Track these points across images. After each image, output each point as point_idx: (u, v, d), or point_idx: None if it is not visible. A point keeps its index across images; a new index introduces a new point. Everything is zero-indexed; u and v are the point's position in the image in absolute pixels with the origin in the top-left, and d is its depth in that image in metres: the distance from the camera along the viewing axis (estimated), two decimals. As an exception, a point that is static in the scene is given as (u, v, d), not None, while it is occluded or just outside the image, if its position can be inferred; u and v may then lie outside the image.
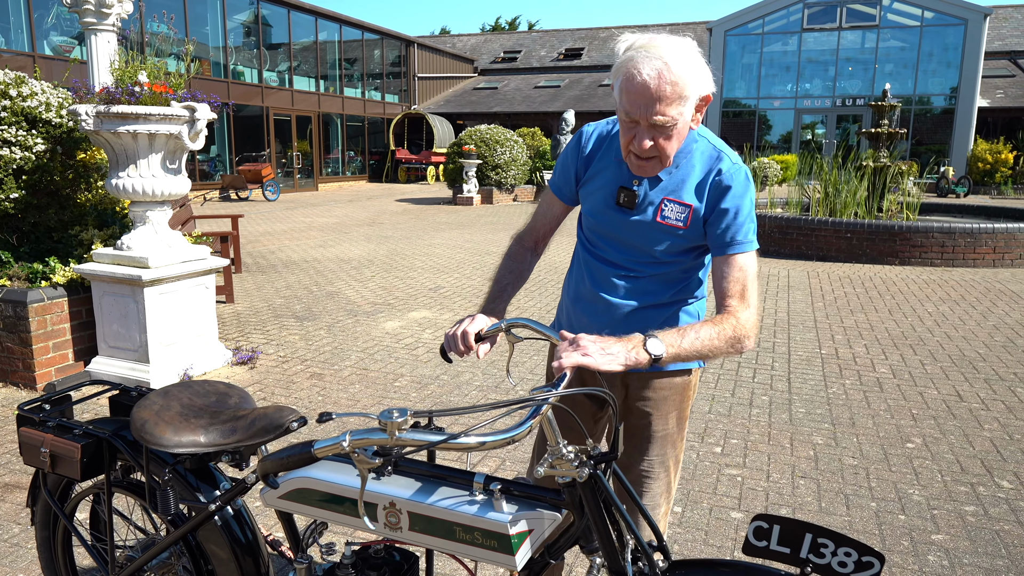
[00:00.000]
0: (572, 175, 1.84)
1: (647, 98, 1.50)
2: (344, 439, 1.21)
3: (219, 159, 22.23)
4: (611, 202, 1.74)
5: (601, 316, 1.79)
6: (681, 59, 1.50)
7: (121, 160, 4.42)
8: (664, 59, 1.48)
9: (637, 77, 1.49)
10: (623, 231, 1.74)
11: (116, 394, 1.96)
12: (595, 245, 1.83)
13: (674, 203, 1.69)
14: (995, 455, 3.65)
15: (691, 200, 1.68)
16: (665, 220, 1.69)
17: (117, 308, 4.53)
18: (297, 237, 12.10)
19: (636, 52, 1.51)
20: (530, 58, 36.65)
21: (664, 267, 1.76)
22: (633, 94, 1.51)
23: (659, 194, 1.70)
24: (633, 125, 1.56)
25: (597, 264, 1.81)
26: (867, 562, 1.22)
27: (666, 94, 1.49)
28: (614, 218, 1.74)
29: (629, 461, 1.88)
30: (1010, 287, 8.03)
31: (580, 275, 1.86)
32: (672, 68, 1.48)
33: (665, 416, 1.86)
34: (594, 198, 1.78)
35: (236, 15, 22.56)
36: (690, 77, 1.51)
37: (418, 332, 5.94)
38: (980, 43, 24.45)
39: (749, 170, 1.74)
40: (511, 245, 1.96)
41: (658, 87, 1.48)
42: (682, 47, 1.52)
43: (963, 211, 13.01)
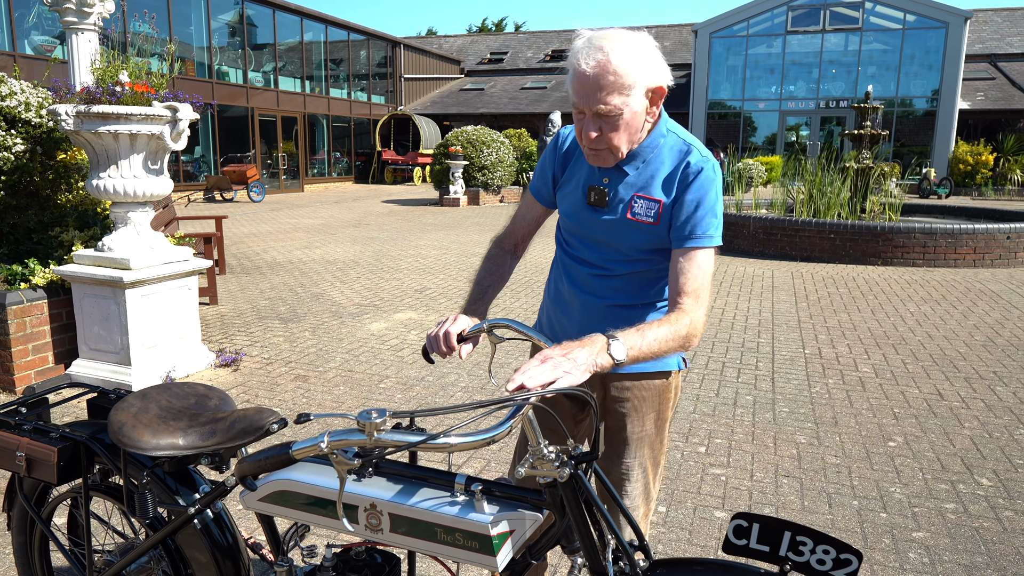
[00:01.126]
0: (550, 177, 1.86)
1: (589, 87, 1.53)
2: (322, 440, 1.20)
3: (203, 160, 22.08)
4: (583, 201, 1.76)
5: (579, 315, 1.81)
6: (626, 50, 1.52)
7: (102, 160, 4.38)
8: (607, 50, 1.51)
9: (580, 66, 1.53)
10: (596, 229, 1.76)
11: (94, 397, 1.94)
12: (571, 245, 1.84)
13: (644, 199, 1.69)
14: (975, 453, 3.69)
15: (660, 195, 1.68)
16: (635, 216, 1.69)
17: (98, 310, 4.48)
18: (282, 238, 12.04)
19: (581, 44, 1.55)
20: (516, 59, 36.68)
21: (637, 265, 1.75)
22: (577, 84, 1.55)
23: (629, 191, 1.70)
24: (581, 116, 1.60)
25: (573, 264, 1.83)
26: (845, 559, 1.22)
27: (607, 83, 1.51)
28: (587, 217, 1.76)
29: (608, 463, 1.88)
30: (990, 287, 8.12)
31: (558, 275, 1.88)
32: (614, 58, 1.51)
33: (642, 418, 1.84)
34: (569, 199, 1.80)
35: (220, 15, 22.42)
36: (634, 67, 1.52)
37: (403, 333, 5.92)
38: (961, 46, 24.73)
39: (718, 164, 1.76)
40: (491, 247, 1.96)
41: (599, 76, 1.51)
42: (630, 39, 1.54)
43: (944, 212, 13.15)
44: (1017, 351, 5.53)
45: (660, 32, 35.73)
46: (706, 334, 6.00)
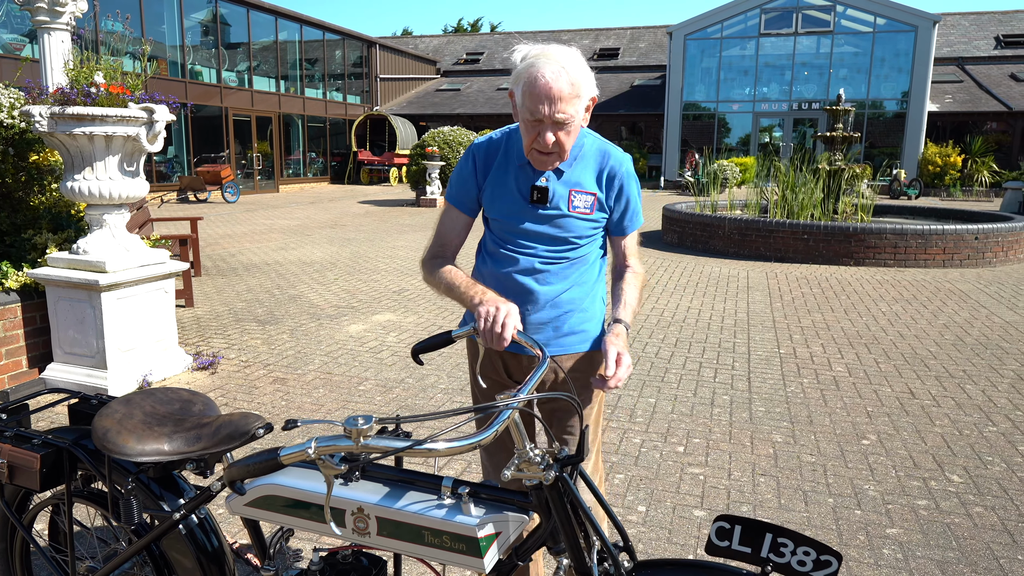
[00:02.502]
0: (473, 187, 1.99)
1: (550, 97, 1.69)
2: (310, 446, 1.21)
3: (177, 160, 21.81)
4: (523, 201, 1.91)
5: (526, 306, 1.93)
6: (575, 64, 1.72)
7: (77, 162, 4.32)
8: (561, 63, 1.70)
9: (541, 79, 1.69)
10: (540, 224, 1.91)
11: (76, 402, 1.93)
12: (511, 242, 1.96)
13: (581, 193, 1.91)
14: (946, 450, 3.78)
15: (593, 189, 1.93)
16: (576, 209, 1.91)
17: (73, 313, 4.43)
18: (258, 240, 11.94)
19: (536, 59, 1.72)
20: (493, 60, 36.69)
21: (581, 250, 1.95)
22: (537, 95, 1.70)
23: (565, 187, 1.90)
24: (537, 124, 1.75)
25: (517, 258, 1.94)
26: (825, 560, 1.26)
27: (565, 93, 1.70)
28: (529, 214, 1.91)
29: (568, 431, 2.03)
30: (959, 286, 8.30)
31: (497, 273, 1.97)
32: (569, 70, 1.70)
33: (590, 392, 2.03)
34: (502, 201, 1.94)
35: (193, 14, 22.16)
36: (583, 79, 1.73)
37: (382, 335, 5.92)
38: (929, 49, 25.21)
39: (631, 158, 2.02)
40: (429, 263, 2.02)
41: (560, 87, 1.69)
42: (574, 54, 1.75)
43: (915, 213, 13.40)
44: (985, 350, 5.67)
45: (635, 34, 35.97)
46: (683, 334, 6.07)
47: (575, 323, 1.96)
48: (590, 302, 2.00)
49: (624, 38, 35.89)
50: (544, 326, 1.94)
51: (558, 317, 1.94)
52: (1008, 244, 9.99)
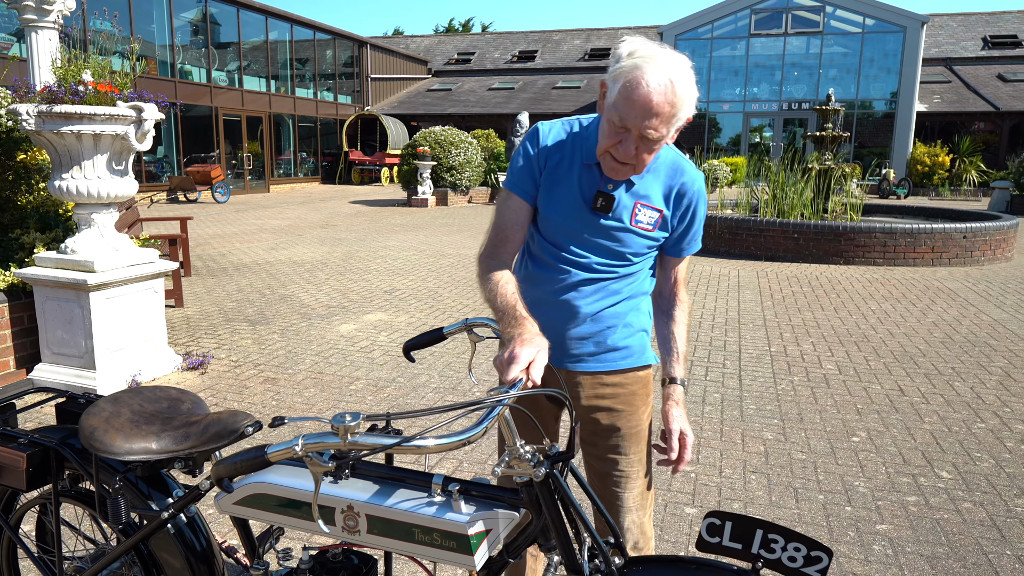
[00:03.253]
0: (536, 172, 1.77)
1: (647, 110, 1.51)
2: (297, 443, 1.20)
3: (166, 160, 21.70)
4: (583, 205, 1.73)
5: (566, 320, 1.79)
6: (684, 80, 1.52)
7: (64, 161, 4.29)
8: (671, 76, 1.50)
9: (643, 88, 1.50)
10: (596, 233, 1.74)
11: (63, 401, 1.91)
12: (561, 247, 1.78)
13: (647, 208, 1.74)
14: (935, 447, 3.80)
15: (660, 206, 1.76)
16: (638, 224, 1.74)
17: (61, 313, 4.39)
18: (248, 240, 11.89)
19: (644, 61, 1.51)
20: (484, 60, 36.68)
21: (633, 267, 1.80)
22: (635, 103, 1.51)
23: (632, 199, 1.73)
24: (622, 131, 1.57)
25: (565, 267, 1.77)
26: (816, 556, 1.26)
27: (664, 111, 1.52)
28: (587, 221, 1.74)
29: (607, 465, 1.86)
30: (947, 285, 8.36)
31: (540, 278, 1.80)
32: (676, 87, 1.51)
33: (636, 412, 1.86)
34: (560, 201, 1.75)
35: (183, 13, 22.05)
36: (688, 99, 1.54)
37: (373, 335, 5.90)
38: (918, 50, 25.37)
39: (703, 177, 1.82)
40: (487, 263, 1.74)
41: (660, 103, 1.51)
42: (685, 67, 1.54)
43: (904, 212, 13.48)
44: (974, 347, 5.70)
45: (626, 34, 36.00)
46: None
47: (618, 338, 1.81)
48: (634, 316, 1.83)
49: (615, 38, 35.95)
50: (585, 341, 1.80)
51: (600, 332, 1.80)
52: (996, 243, 10.06)
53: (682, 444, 1.73)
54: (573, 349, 1.81)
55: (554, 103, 30.24)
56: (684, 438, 1.74)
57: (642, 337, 1.86)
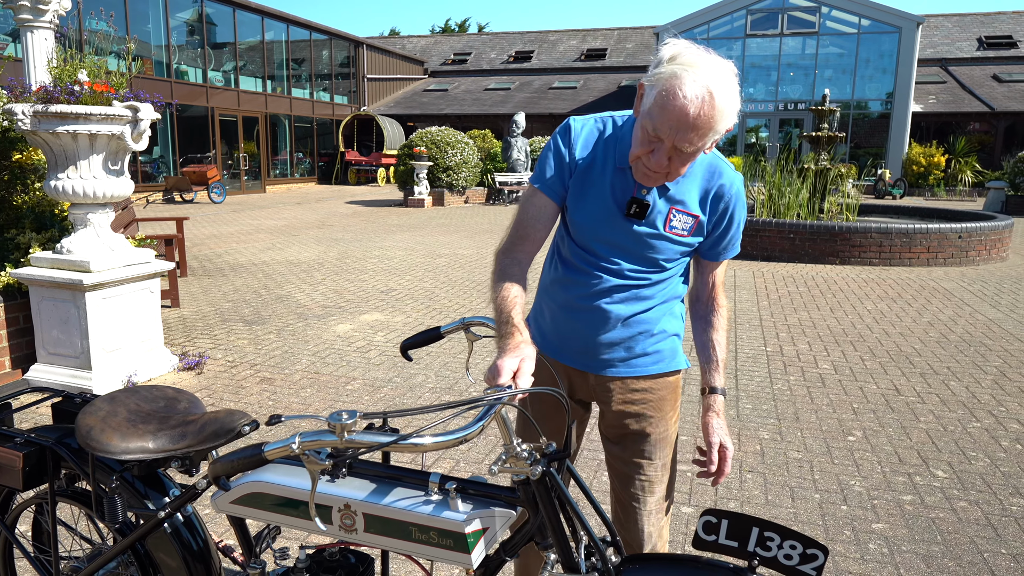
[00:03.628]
0: (567, 172, 1.71)
1: (682, 123, 1.44)
2: (294, 441, 1.20)
3: (162, 160, 21.66)
4: (616, 211, 1.67)
5: (598, 326, 1.75)
6: (726, 91, 1.44)
7: (60, 161, 4.28)
8: (710, 87, 1.42)
9: (679, 98, 1.42)
10: (628, 240, 1.69)
11: (59, 401, 1.91)
12: (592, 253, 1.72)
13: (682, 214, 1.68)
14: (931, 446, 3.81)
15: (696, 211, 1.69)
16: (672, 230, 1.68)
17: (57, 314, 4.38)
18: (245, 240, 11.88)
19: (684, 70, 1.43)
20: (480, 60, 36.68)
21: (666, 273, 1.74)
22: (669, 114, 1.44)
23: (666, 204, 1.67)
24: (656, 141, 1.50)
25: (596, 273, 1.72)
26: (811, 554, 1.27)
27: (700, 124, 1.44)
28: (619, 227, 1.68)
29: (632, 469, 1.83)
30: (943, 285, 8.38)
31: (570, 282, 1.76)
32: (716, 99, 1.43)
33: (665, 417, 1.83)
34: (591, 204, 1.69)
35: (179, 13, 22.02)
36: (728, 111, 1.46)
37: (370, 335, 5.90)
38: (913, 50, 25.43)
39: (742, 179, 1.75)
40: (502, 261, 1.70)
41: (697, 115, 1.43)
42: (728, 77, 1.46)
43: (899, 212, 13.51)
44: (969, 347, 5.72)
45: (623, 34, 36.07)
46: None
47: (648, 344, 1.77)
48: (667, 321, 1.79)
49: (611, 39, 35.98)
50: (615, 347, 1.75)
51: (631, 338, 1.75)
52: (991, 243, 10.09)
53: (722, 457, 1.70)
54: (603, 354, 1.77)
55: (550, 103, 30.25)
56: (724, 451, 1.70)
57: (673, 342, 1.82)
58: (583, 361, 1.80)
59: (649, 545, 1.84)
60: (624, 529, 1.84)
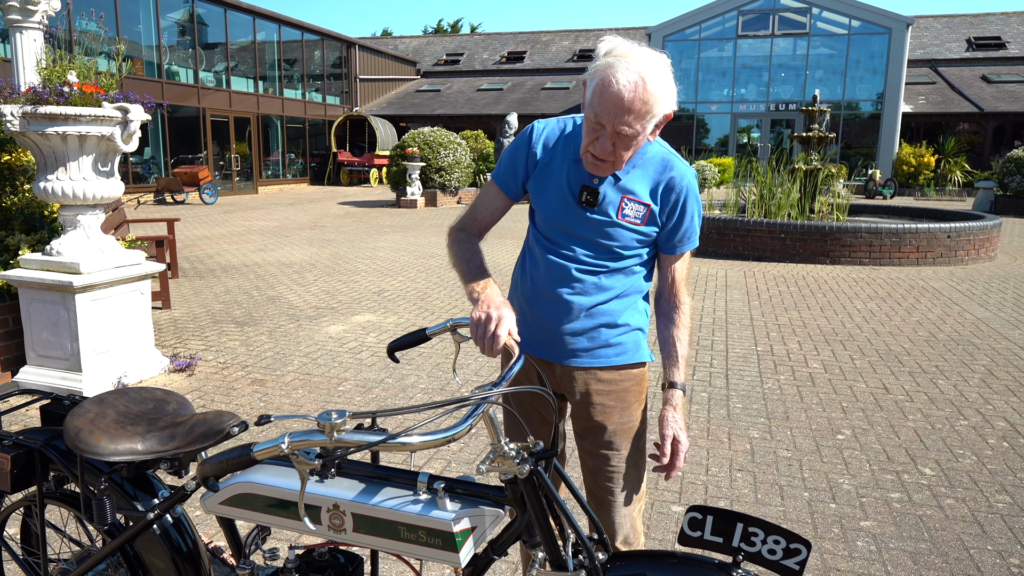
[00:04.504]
0: (521, 170, 1.85)
1: (618, 107, 1.55)
2: (283, 441, 1.21)
3: (153, 161, 21.57)
4: (571, 200, 1.77)
5: (562, 316, 1.81)
6: (657, 77, 1.56)
7: (50, 162, 4.27)
8: (642, 74, 1.54)
9: (613, 85, 1.54)
10: (584, 228, 1.78)
11: (48, 403, 1.91)
12: (553, 242, 1.82)
13: (633, 202, 1.76)
14: (919, 444, 3.84)
15: (647, 200, 1.77)
16: (625, 218, 1.76)
17: (47, 315, 4.37)
18: (236, 241, 11.85)
19: (617, 60, 1.56)
20: (473, 61, 36.68)
21: (624, 261, 1.81)
22: (606, 100, 1.56)
23: (618, 193, 1.76)
24: (598, 128, 1.61)
25: (558, 262, 1.80)
26: (795, 548, 1.28)
27: (636, 108, 1.55)
28: (575, 215, 1.77)
29: (599, 461, 1.87)
30: (932, 284, 8.44)
31: (537, 274, 1.85)
32: (647, 84, 1.54)
33: (629, 408, 1.88)
34: (550, 196, 1.80)
35: (170, 13, 21.93)
36: (661, 95, 1.57)
37: (362, 336, 5.90)
38: (903, 51, 25.57)
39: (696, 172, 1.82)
40: (455, 234, 1.91)
41: (631, 100, 1.54)
42: (659, 65, 1.57)
43: (889, 212, 13.59)
44: (957, 346, 5.76)
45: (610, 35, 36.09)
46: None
47: (611, 335, 1.83)
48: (630, 314, 1.85)
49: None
50: (578, 336, 1.81)
51: (594, 328, 1.81)
52: (980, 243, 10.16)
53: (674, 450, 1.76)
54: (567, 344, 1.83)
55: (543, 104, 30.27)
56: (677, 445, 1.76)
57: (637, 336, 1.87)
58: (548, 351, 1.86)
59: (621, 535, 1.88)
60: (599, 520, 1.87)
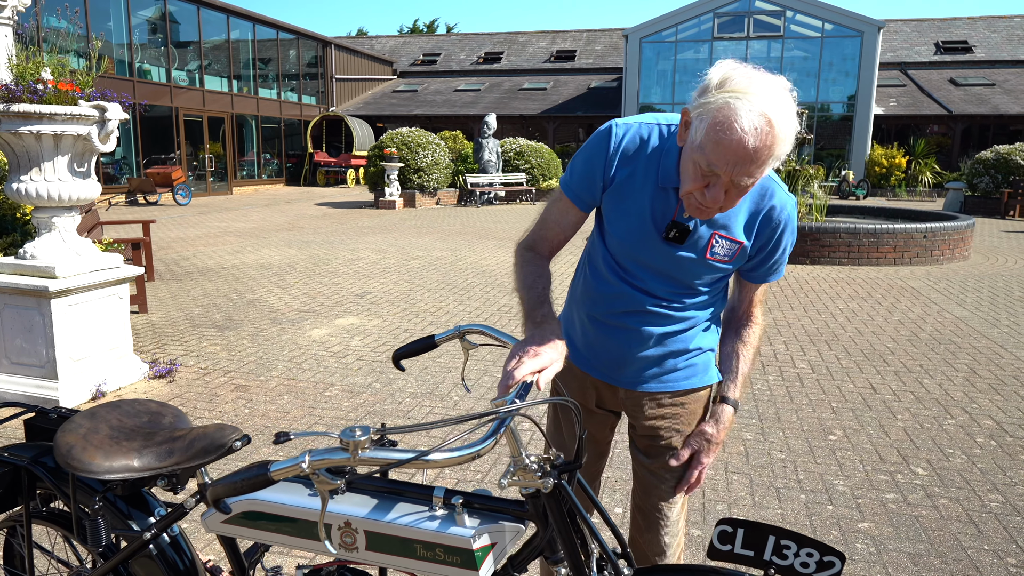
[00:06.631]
0: (599, 181, 1.63)
1: (741, 157, 1.33)
2: (303, 460, 1.15)
3: (125, 161, 21.17)
4: (654, 232, 1.59)
5: (631, 343, 1.70)
6: (783, 116, 1.33)
7: (23, 163, 4.13)
8: (768, 116, 1.31)
9: (735, 132, 1.31)
10: (666, 264, 1.61)
11: (32, 417, 1.81)
12: (627, 272, 1.66)
13: (725, 240, 1.58)
14: (909, 444, 3.86)
15: (741, 236, 1.59)
16: (714, 256, 1.59)
17: (20, 321, 4.23)
18: (212, 243, 11.65)
19: (738, 98, 1.32)
20: (450, 61, 36.56)
21: (701, 296, 1.69)
22: (725, 149, 1.33)
23: (709, 229, 1.57)
24: (711, 176, 1.39)
25: (630, 292, 1.66)
26: (828, 561, 1.25)
27: (761, 157, 1.33)
28: (656, 249, 1.60)
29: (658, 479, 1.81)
30: (910, 283, 8.53)
31: (601, 295, 1.71)
32: (775, 127, 1.32)
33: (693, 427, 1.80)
34: (629, 222, 1.61)
35: (141, 11, 21.55)
36: (788, 135, 1.35)
37: (346, 339, 5.80)
38: (875, 54, 25.95)
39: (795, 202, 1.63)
40: (522, 253, 1.72)
41: (756, 149, 1.32)
42: (784, 100, 1.35)
43: (864, 212, 13.75)
44: (939, 345, 5.82)
45: (592, 36, 36.23)
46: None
47: (681, 360, 1.72)
48: (702, 338, 1.73)
49: (581, 40, 36.12)
50: (646, 363, 1.71)
51: (664, 356, 1.70)
52: (954, 242, 10.31)
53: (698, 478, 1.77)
54: (634, 370, 1.73)
55: (520, 104, 30.25)
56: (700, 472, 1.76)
57: (707, 356, 1.77)
58: (613, 376, 1.77)
59: (670, 554, 1.83)
60: (642, 537, 1.83)
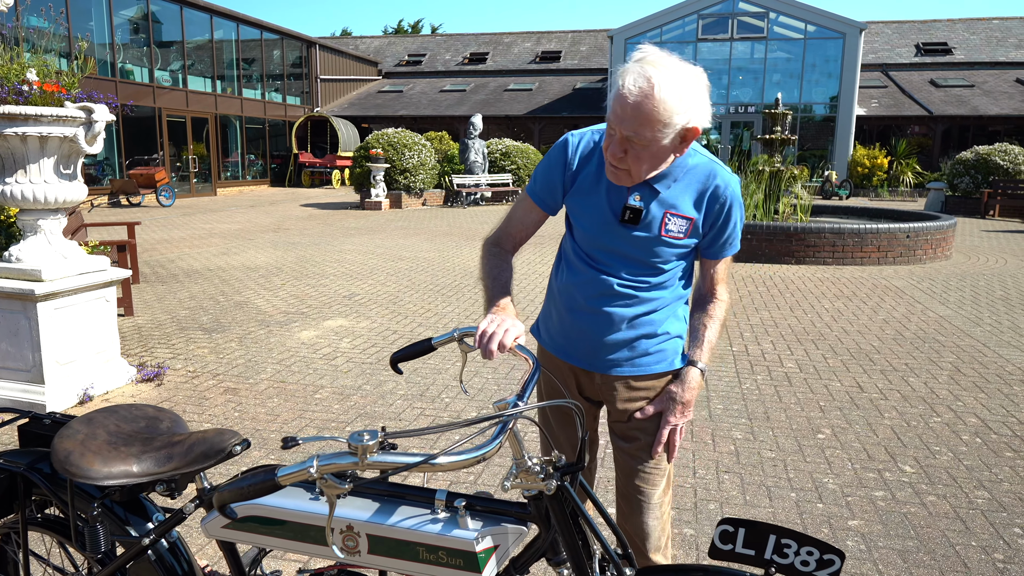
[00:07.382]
0: (559, 186, 1.81)
1: (626, 112, 1.51)
2: (311, 465, 1.15)
3: (107, 162, 20.95)
4: (612, 219, 1.74)
5: (603, 328, 1.80)
6: (670, 84, 1.48)
7: (8, 165, 4.08)
8: (653, 79, 1.48)
9: (623, 88, 1.51)
10: (626, 246, 1.75)
11: (26, 423, 1.80)
12: (594, 259, 1.80)
13: (676, 217, 1.72)
14: (896, 442, 3.90)
15: (691, 213, 1.74)
16: (668, 234, 1.73)
17: (6, 325, 4.18)
18: (198, 244, 11.56)
19: (634, 64, 1.52)
20: (435, 62, 36.49)
21: (665, 275, 1.79)
22: (615, 103, 1.53)
23: (660, 208, 1.72)
24: (612, 133, 1.59)
25: (600, 278, 1.78)
26: (828, 560, 1.26)
27: (643, 115, 1.49)
28: (617, 233, 1.74)
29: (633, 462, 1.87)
30: (894, 283, 8.63)
31: (576, 287, 1.82)
32: (656, 91, 1.48)
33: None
34: (591, 213, 1.76)
35: (123, 11, 21.34)
36: (674, 104, 1.49)
37: (335, 341, 5.78)
38: (857, 56, 26.19)
39: (738, 180, 1.80)
40: (488, 248, 1.91)
41: (636, 104, 1.49)
42: (680, 74, 1.50)
43: (848, 212, 13.88)
44: (924, 343, 5.89)
45: (577, 37, 36.30)
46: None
47: (652, 344, 1.82)
48: (671, 323, 1.84)
49: (566, 41, 36.18)
50: (619, 347, 1.81)
51: (635, 339, 1.80)
52: (936, 242, 10.43)
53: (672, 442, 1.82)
54: (608, 355, 1.82)
55: (506, 105, 30.25)
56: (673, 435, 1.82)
57: (676, 343, 1.87)
58: (589, 361, 1.85)
59: (654, 537, 1.85)
60: (628, 523, 1.87)
